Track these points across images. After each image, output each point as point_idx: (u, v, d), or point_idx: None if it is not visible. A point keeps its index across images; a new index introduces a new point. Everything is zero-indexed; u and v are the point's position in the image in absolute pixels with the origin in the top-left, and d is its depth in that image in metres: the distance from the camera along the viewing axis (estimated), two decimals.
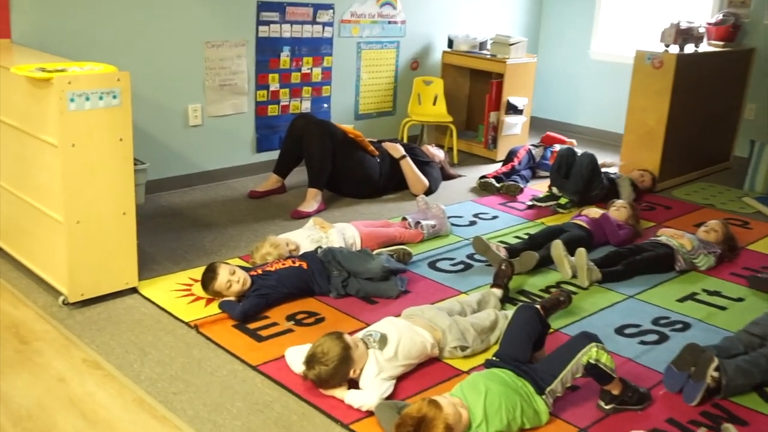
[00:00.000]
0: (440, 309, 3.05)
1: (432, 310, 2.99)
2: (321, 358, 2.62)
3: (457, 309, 3.10)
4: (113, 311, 3.23)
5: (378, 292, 3.43)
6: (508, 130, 5.83)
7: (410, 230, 4.12)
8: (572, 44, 6.83)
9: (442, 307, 3.09)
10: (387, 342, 2.75)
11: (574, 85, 6.86)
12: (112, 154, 3.13)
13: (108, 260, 3.24)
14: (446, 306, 3.11)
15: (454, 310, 3.09)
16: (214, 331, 3.08)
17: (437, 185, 5.06)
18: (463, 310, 3.12)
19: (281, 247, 3.61)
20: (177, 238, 4.04)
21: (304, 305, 3.33)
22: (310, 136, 4.56)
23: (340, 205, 4.70)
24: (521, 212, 4.72)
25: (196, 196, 4.74)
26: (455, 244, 4.14)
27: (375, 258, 3.48)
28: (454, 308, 3.10)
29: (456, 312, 3.09)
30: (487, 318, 3.05)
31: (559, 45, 6.92)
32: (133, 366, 2.82)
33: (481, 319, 3.04)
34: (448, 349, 2.90)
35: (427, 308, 3.03)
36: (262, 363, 2.86)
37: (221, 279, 3.24)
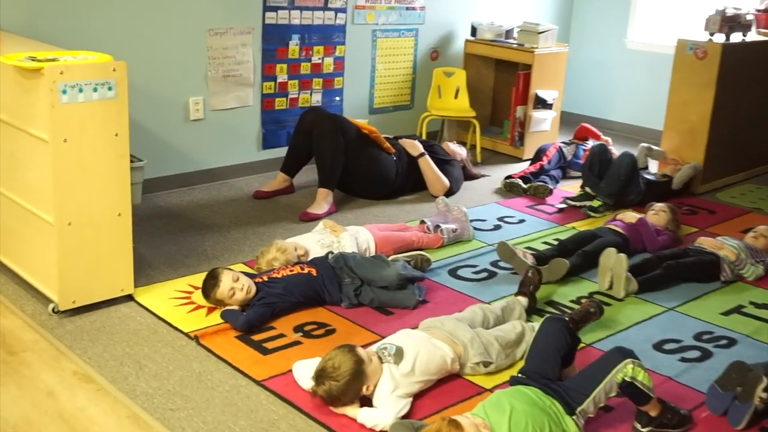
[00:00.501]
0: (460, 320, 3.04)
1: (452, 321, 2.98)
2: (331, 373, 2.62)
3: (479, 318, 3.10)
4: (107, 320, 3.24)
5: (394, 302, 3.42)
6: (537, 126, 5.81)
7: (429, 235, 4.11)
8: (607, 32, 6.80)
9: (463, 317, 3.08)
10: (403, 356, 2.75)
11: (608, 78, 6.83)
12: (107, 150, 3.15)
13: (102, 265, 3.26)
14: (467, 316, 3.10)
15: (475, 320, 3.08)
16: (215, 342, 3.09)
17: (459, 186, 5.06)
18: (485, 318, 3.11)
19: (289, 252, 3.62)
20: (176, 242, 4.06)
21: (313, 315, 3.34)
22: (321, 132, 4.57)
23: (352, 207, 4.70)
24: (550, 216, 4.71)
25: (197, 197, 4.75)
26: (478, 250, 4.13)
27: (391, 265, 3.48)
28: (476, 318, 3.09)
29: (478, 322, 3.08)
30: (512, 330, 3.04)
31: (592, 33, 6.89)
32: (127, 379, 2.83)
33: (506, 332, 3.03)
34: (469, 364, 2.89)
35: (447, 319, 3.02)
36: (267, 378, 2.86)
37: (224, 286, 3.25)
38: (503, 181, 5.17)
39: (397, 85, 5.86)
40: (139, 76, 4.47)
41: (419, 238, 4.05)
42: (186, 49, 4.69)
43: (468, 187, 5.14)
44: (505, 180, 5.16)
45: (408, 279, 3.46)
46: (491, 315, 3.13)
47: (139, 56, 4.48)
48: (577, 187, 5.01)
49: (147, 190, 4.56)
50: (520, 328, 3.06)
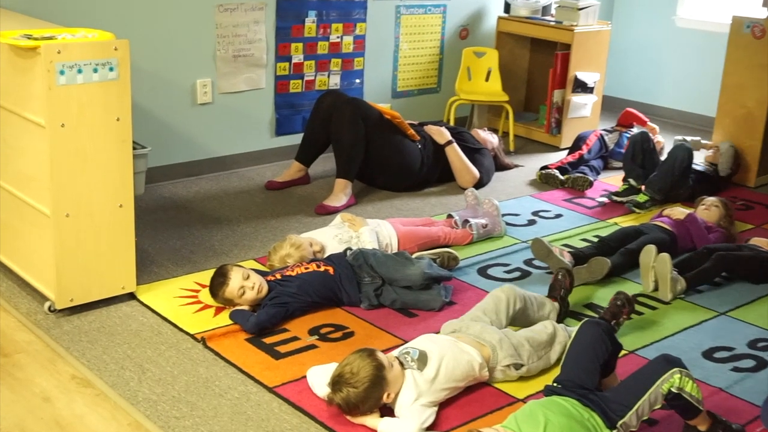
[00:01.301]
0: (485, 312, 3.03)
1: (477, 324, 2.98)
2: (349, 380, 2.63)
3: (503, 305, 3.06)
4: (107, 320, 3.27)
5: (418, 303, 3.42)
6: (576, 112, 5.78)
7: (457, 230, 4.11)
8: (654, 9, 6.75)
9: (486, 308, 3.07)
10: (427, 361, 2.75)
11: (655, 59, 6.77)
12: (108, 136, 3.17)
13: (102, 260, 3.29)
14: (489, 305, 3.07)
15: (500, 307, 3.05)
16: (223, 345, 3.11)
17: (489, 177, 5.04)
18: (509, 303, 3.08)
19: (304, 248, 3.63)
20: (181, 236, 4.08)
21: (329, 317, 3.35)
22: (340, 118, 4.58)
23: (373, 200, 4.71)
24: (590, 210, 4.69)
25: (205, 187, 4.78)
26: (510, 247, 4.12)
27: (415, 263, 3.48)
28: (500, 305, 3.06)
29: (502, 310, 3.05)
30: (543, 331, 3.04)
31: (638, 10, 6.84)
32: (129, 384, 2.86)
33: (537, 332, 3.02)
34: (499, 368, 2.89)
35: (471, 322, 3.01)
36: (279, 384, 2.87)
37: (233, 285, 3.27)
38: (538, 171, 5.15)
39: (423, 66, 5.85)
40: (143, 56, 4.50)
41: (446, 233, 4.04)
42: (193, 27, 4.71)
43: (500, 179, 5.12)
44: (540, 171, 5.14)
45: (433, 278, 3.46)
46: (518, 299, 3.11)
47: (143, 34, 4.50)
48: (620, 179, 4.99)
49: (151, 179, 4.58)
50: (551, 329, 3.05)
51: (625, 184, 4.81)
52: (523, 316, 3.16)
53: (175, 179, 4.81)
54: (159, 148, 4.60)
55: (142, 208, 4.17)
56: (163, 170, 4.73)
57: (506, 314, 3.08)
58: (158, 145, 4.60)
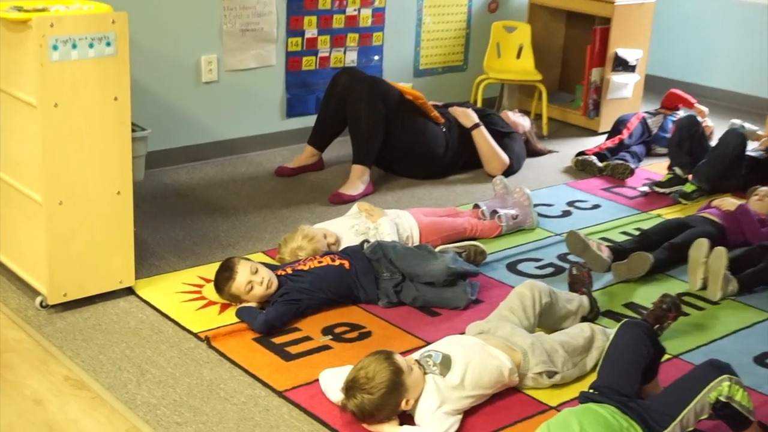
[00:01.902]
0: (511, 311, 3.02)
1: (507, 325, 2.97)
2: (364, 385, 2.62)
3: (528, 301, 3.04)
4: (103, 317, 3.29)
5: (441, 301, 3.42)
6: (616, 93, 5.75)
7: (484, 222, 4.10)
8: None
9: (511, 306, 3.05)
10: (451, 365, 2.75)
11: (704, 34, 6.71)
12: (105, 117, 3.18)
13: (98, 252, 3.30)
14: (515, 304, 3.05)
15: (525, 304, 3.03)
16: (229, 345, 3.12)
17: (520, 163, 5.03)
18: (534, 298, 3.06)
19: (317, 240, 3.63)
20: (184, 226, 4.09)
21: (344, 315, 3.35)
22: (357, 98, 4.57)
23: (393, 188, 4.70)
24: (631, 201, 4.66)
25: (209, 173, 4.79)
26: (543, 240, 4.11)
27: (438, 257, 3.47)
28: (525, 301, 3.04)
29: (528, 306, 3.04)
30: (579, 335, 3.03)
31: None
32: (127, 387, 2.87)
33: (573, 336, 3.01)
34: (530, 375, 2.88)
35: (499, 322, 3.00)
36: (289, 388, 2.88)
37: (240, 279, 3.28)
38: (574, 158, 5.13)
39: (448, 42, 5.83)
40: (143, 30, 4.50)
41: (472, 225, 4.04)
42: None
43: (531, 165, 5.11)
44: (576, 157, 5.12)
45: (458, 274, 3.45)
46: (542, 293, 3.10)
47: (143, 6, 4.51)
48: (664, 166, 4.96)
49: (151, 164, 4.59)
50: (588, 332, 3.04)
51: (670, 173, 4.77)
52: (551, 311, 3.14)
53: (177, 164, 4.82)
54: (160, 131, 4.61)
55: (141, 196, 4.18)
56: (164, 154, 4.74)
57: (533, 311, 3.07)
58: (159, 127, 4.60)
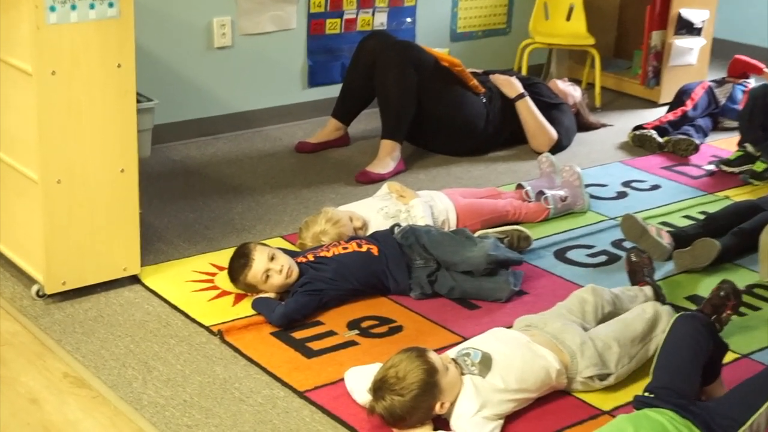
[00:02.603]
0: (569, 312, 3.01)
1: (558, 320, 2.96)
2: (394, 385, 2.62)
3: (589, 307, 3.03)
4: (106, 308, 3.31)
5: (481, 293, 3.42)
6: (679, 59, 5.70)
7: (529, 204, 4.08)
8: None
9: (570, 307, 3.05)
10: (491, 365, 2.74)
11: None
12: (107, 86, 3.19)
13: (100, 236, 3.32)
14: (574, 306, 3.05)
15: (586, 310, 3.02)
16: (245, 340, 3.13)
17: (570, 138, 5.01)
18: (597, 305, 3.06)
19: (342, 224, 3.64)
20: (195, 208, 4.11)
21: (373, 308, 3.35)
22: (386, 65, 4.57)
23: (427, 165, 4.70)
24: (695, 181, 4.64)
25: (223, 149, 4.80)
26: (595, 225, 4.10)
27: (477, 243, 3.47)
28: (586, 307, 3.03)
29: (589, 312, 3.03)
30: (639, 318, 2.99)
31: None
32: (132, 385, 2.89)
33: (630, 323, 2.98)
34: (579, 378, 2.88)
35: (551, 317, 3.00)
36: (311, 388, 2.89)
37: (257, 267, 3.29)
38: (631, 132, 5.11)
39: (489, 2, 5.80)
40: None
41: (516, 208, 4.02)
42: None
43: (583, 141, 5.08)
44: (633, 131, 5.10)
45: (500, 262, 3.44)
46: (605, 303, 3.09)
47: None
48: (733, 142, 4.92)
49: (158, 139, 4.62)
50: (650, 313, 3.01)
51: (740, 150, 4.73)
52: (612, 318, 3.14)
53: (187, 139, 4.84)
54: (168, 102, 4.63)
55: (147, 174, 4.20)
56: (172, 128, 4.77)
57: (594, 318, 3.06)
58: (167, 97, 4.62)
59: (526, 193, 4.13)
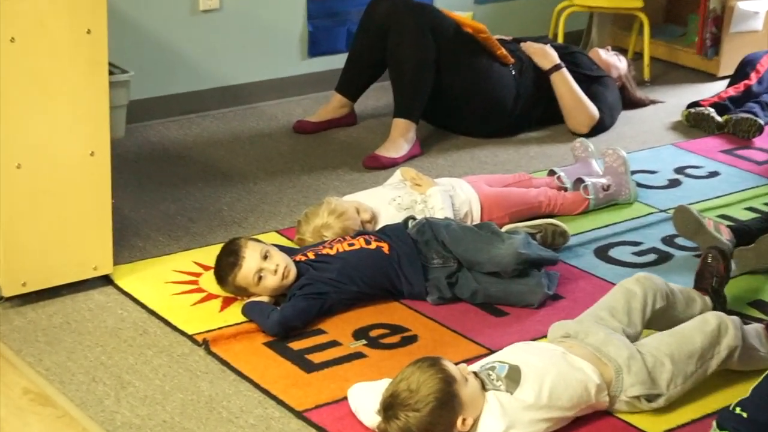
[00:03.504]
0: (611, 314, 2.99)
1: (600, 329, 2.94)
2: (408, 399, 2.61)
3: (637, 303, 2.99)
4: (73, 313, 3.31)
5: (509, 297, 3.42)
6: (741, 24, 5.69)
7: (566, 193, 4.06)
8: None
9: (613, 307, 3.01)
10: (520, 380, 2.74)
11: None
12: (76, 55, 3.19)
13: (66, 230, 3.32)
14: (618, 304, 3.00)
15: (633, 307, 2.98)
16: (234, 351, 3.13)
17: (614, 117, 5.01)
18: (646, 300, 3.03)
19: (347, 217, 3.63)
20: (177, 197, 4.12)
21: (382, 314, 3.36)
22: (400, 32, 4.56)
23: (447, 148, 4.69)
24: (760, 167, 4.64)
25: (209, 129, 4.81)
26: (643, 218, 4.10)
27: (505, 239, 3.46)
28: (633, 303, 2.99)
29: (637, 310, 3.00)
30: (699, 330, 2.95)
31: None
32: (103, 403, 2.89)
33: (687, 337, 2.94)
34: (624, 398, 2.87)
35: (592, 323, 2.98)
36: (311, 407, 2.89)
37: (248, 267, 3.29)
38: (685, 110, 5.11)
39: None
40: None
41: (550, 198, 4.01)
42: None
43: (629, 120, 5.08)
44: (688, 109, 5.10)
45: (532, 262, 3.44)
46: (659, 295, 3.07)
47: None
48: None
49: (134, 117, 4.62)
50: (713, 325, 2.96)
51: None
52: (665, 318, 3.11)
53: (167, 117, 4.85)
54: (145, 74, 4.63)
55: (122, 158, 4.21)
56: (151, 104, 4.77)
57: (642, 316, 3.03)
58: (145, 69, 4.63)
59: (559, 180, 4.12)
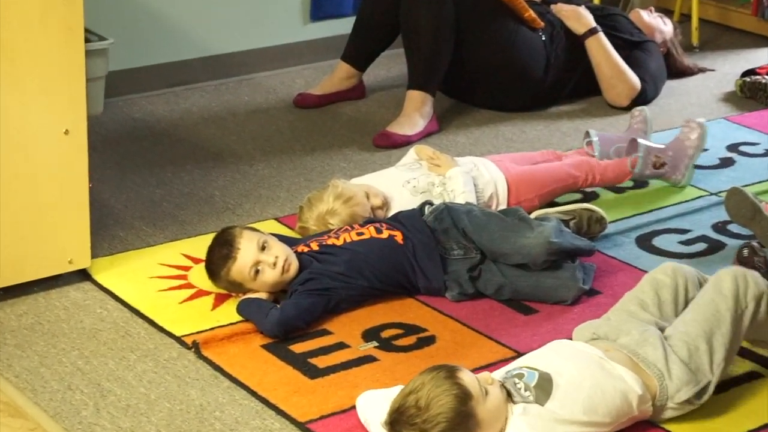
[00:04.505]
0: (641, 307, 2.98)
1: (633, 326, 2.92)
2: (414, 417, 2.60)
3: (667, 293, 2.99)
4: (46, 313, 3.31)
5: (539, 292, 3.42)
6: None
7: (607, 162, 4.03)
8: None
9: (642, 300, 2.99)
10: (552, 389, 2.74)
11: None
12: (47, 20, 3.18)
13: (37, 219, 3.32)
14: (646, 297, 2.98)
15: (662, 296, 2.98)
16: (228, 355, 3.14)
17: (658, 87, 5.01)
18: (678, 289, 3.03)
19: (356, 202, 3.63)
20: (162, 181, 4.12)
21: (396, 312, 3.36)
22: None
23: (468, 124, 4.69)
24: None
25: (199, 104, 4.81)
26: (691, 201, 4.10)
27: (535, 227, 3.45)
28: (663, 292, 2.99)
29: (667, 299, 3.00)
30: (719, 296, 2.93)
31: None
32: (80, 414, 2.89)
33: (709, 305, 2.92)
34: (672, 405, 2.87)
35: (622, 319, 2.97)
36: (316, 418, 2.89)
37: (243, 259, 3.29)
38: (740, 79, 5.11)
39: None
40: None
41: (587, 170, 3.95)
42: None
43: (675, 91, 5.08)
44: (742, 78, 5.10)
45: (565, 252, 3.43)
46: (689, 284, 3.05)
47: None
48: None
49: (114, 91, 4.62)
50: (729, 282, 2.94)
51: None
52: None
53: (152, 91, 4.85)
54: (127, 42, 4.63)
55: (100, 137, 4.22)
56: (133, 76, 4.77)
57: (674, 308, 3.02)
58: (126, 36, 4.62)
59: (588, 145, 4.10)
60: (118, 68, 4.59)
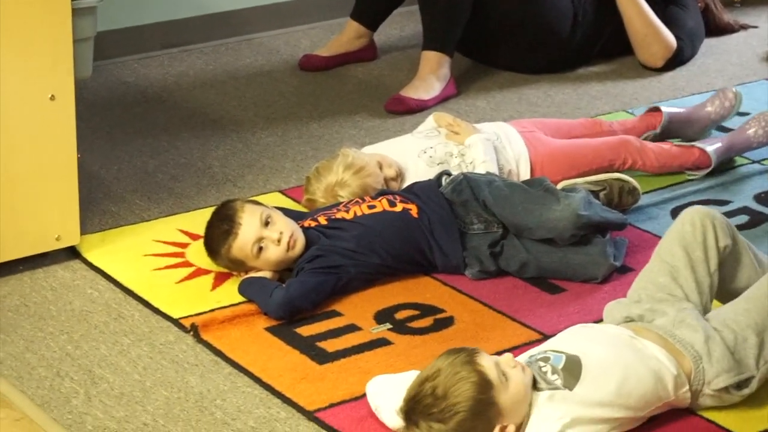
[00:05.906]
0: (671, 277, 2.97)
1: (668, 306, 2.92)
2: (431, 407, 2.61)
3: (702, 272, 2.99)
4: (32, 294, 3.33)
5: (566, 270, 3.43)
6: None
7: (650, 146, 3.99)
8: None
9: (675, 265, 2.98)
10: (581, 373, 2.74)
11: None
12: None
13: (21, 193, 3.33)
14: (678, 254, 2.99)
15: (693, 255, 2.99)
16: (229, 338, 3.15)
17: (696, 46, 5.02)
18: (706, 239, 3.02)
19: (367, 173, 3.64)
20: (157, 151, 4.13)
21: (411, 292, 3.37)
22: None
23: (489, 88, 4.69)
24: None
25: (196, 66, 4.82)
26: (732, 170, 4.11)
27: (562, 198, 3.45)
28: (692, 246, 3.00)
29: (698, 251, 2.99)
30: None
31: None
32: (70, 402, 2.90)
33: (763, 297, 2.94)
34: (708, 392, 2.87)
35: (654, 298, 2.97)
36: (325, 407, 2.90)
37: (245, 235, 3.30)
38: None
39: None
40: None
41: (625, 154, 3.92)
42: None
43: (714, 50, 5.09)
44: None
45: (594, 226, 3.44)
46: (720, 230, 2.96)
47: None
48: None
49: (103, 53, 4.62)
50: None
51: None
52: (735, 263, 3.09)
53: (144, 53, 4.86)
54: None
55: (89, 103, 4.23)
56: (123, 37, 4.78)
57: (706, 267, 3.00)
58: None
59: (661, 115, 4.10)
60: (107, 28, 4.59)
